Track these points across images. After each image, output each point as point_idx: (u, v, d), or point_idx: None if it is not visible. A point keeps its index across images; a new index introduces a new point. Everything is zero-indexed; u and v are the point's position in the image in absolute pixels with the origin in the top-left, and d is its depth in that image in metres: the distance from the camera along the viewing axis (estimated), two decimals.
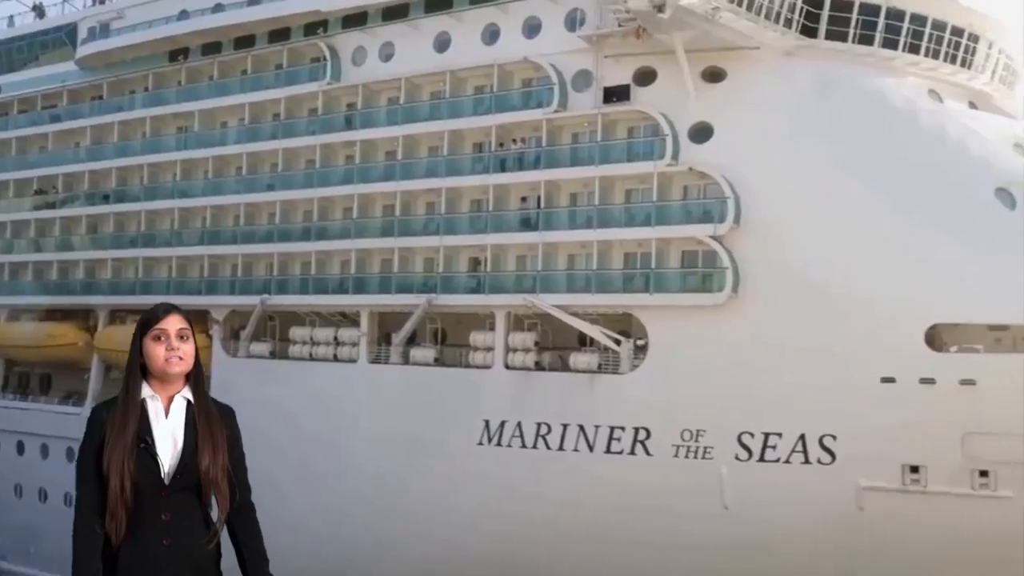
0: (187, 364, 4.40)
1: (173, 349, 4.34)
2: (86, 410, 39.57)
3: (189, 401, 4.40)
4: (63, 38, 46.30)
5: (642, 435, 29.25)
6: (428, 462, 32.03)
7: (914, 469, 26.22)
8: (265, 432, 35.52)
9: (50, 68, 46.47)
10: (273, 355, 37.81)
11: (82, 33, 44.62)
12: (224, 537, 4.43)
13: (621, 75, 31.48)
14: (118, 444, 4.18)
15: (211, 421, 4.37)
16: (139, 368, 4.37)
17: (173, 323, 4.39)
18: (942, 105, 30.78)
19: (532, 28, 33.23)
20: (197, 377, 4.48)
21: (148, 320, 4.42)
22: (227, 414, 4.49)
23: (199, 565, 4.27)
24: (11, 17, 50.79)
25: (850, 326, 26.62)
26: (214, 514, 4.35)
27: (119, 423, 4.23)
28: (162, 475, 4.23)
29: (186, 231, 41.19)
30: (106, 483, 4.17)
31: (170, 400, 4.37)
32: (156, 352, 4.34)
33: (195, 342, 4.47)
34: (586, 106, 32.07)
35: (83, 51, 44.32)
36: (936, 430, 25.51)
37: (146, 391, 4.35)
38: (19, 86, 47.52)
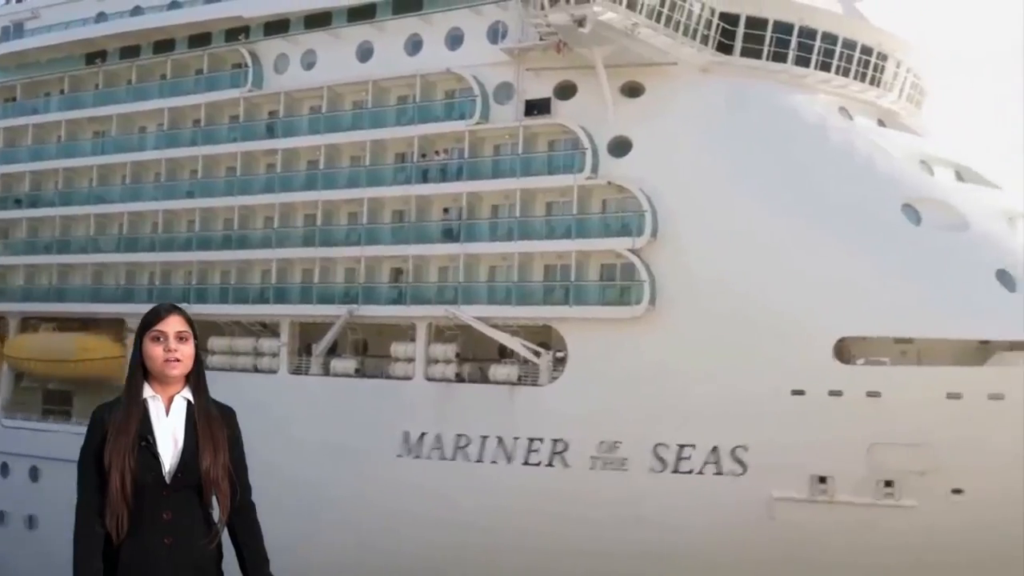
0: (185, 366, 4.39)
1: (171, 351, 4.34)
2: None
3: (189, 401, 4.40)
4: None
5: (560, 447, 29.44)
6: (348, 472, 31.81)
7: (822, 480, 26.82)
8: None
9: None
10: None
11: None
12: (224, 537, 4.43)
13: (542, 88, 31.67)
14: (119, 442, 4.20)
15: (211, 421, 4.38)
16: (141, 368, 4.38)
17: (172, 325, 4.38)
18: (852, 122, 31.57)
19: (455, 39, 33.26)
20: (198, 378, 4.46)
21: (149, 320, 4.41)
22: (227, 414, 4.49)
23: (200, 564, 4.28)
24: None
25: (761, 339, 27.12)
26: (215, 514, 4.36)
27: (121, 422, 4.25)
28: (163, 474, 4.24)
29: (103, 237, 40.34)
30: (107, 482, 4.18)
31: (170, 400, 4.38)
32: (155, 353, 4.35)
33: (195, 343, 4.46)
34: (508, 119, 32.20)
35: None
36: (843, 441, 26.13)
37: (147, 391, 4.36)
38: None
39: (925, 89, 34.78)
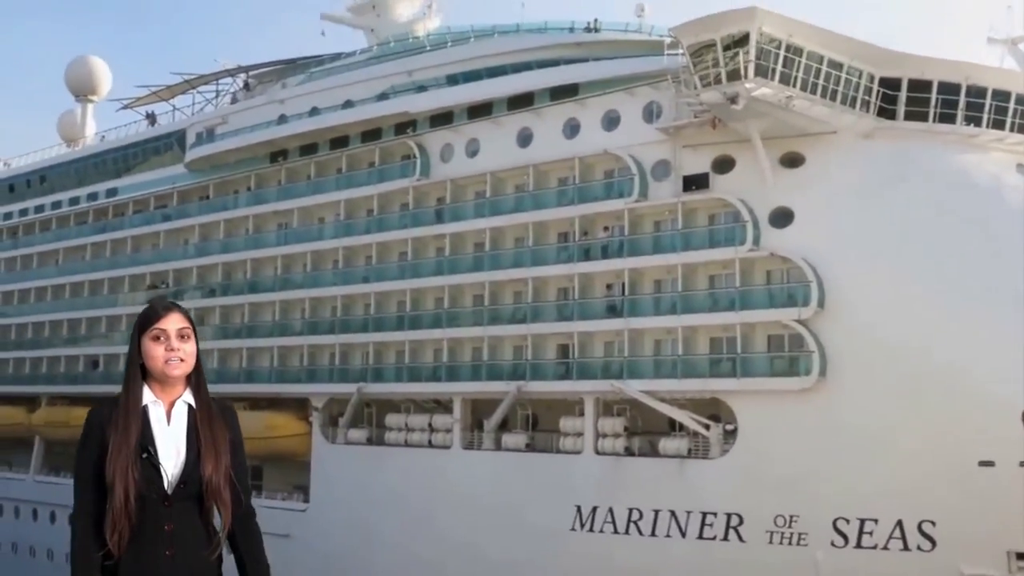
0: (188, 366, 4.08)
1: (173, 350, 4.02)
2: None
3: (191, 406, 4.10)
4: (173, 143, 47.97)
5: (735, 521, 28.26)
6: (522, 546, 31.41)
7: (1021, 556, 24.70)
8: (363, 515, 35.67)
9: (161, 171, 48.13)
10: (370, 441, 37.81)
11: (190, 138, 46.20)
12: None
13: (699, 163, 31.17)
14: (121, 453, 3.89)
15: (214, 427, 4.07)
16: (139, 369, 4.06)
17: (173, 322, 4.06)
18: None
19: (611, 121, 33.21)
20: (199, 379, 4.15)
21: (147, 318, 4.08)
22: (228, 414, 4.20)
23: (203, 575, 4.02)
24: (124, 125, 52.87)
25: (942, 408, 25.48)
26: (216, 522, 4.08)
27: (121, 430, 3.93)
28: (165, 485, 3.96)
29: (287, 322, 41.76)
30: (107, 493, 3.90)
31: (171, 405, 4.07)
32: (155, 353, 4.02)
33: (197, 341, 4.15)
34: (666, 195, 31.78)
35: (191, 155, 45.85)
36: None
37: (147, 396, 4.05)
38: (133, 188, 49.33)
39: None
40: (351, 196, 39.93)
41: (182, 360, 4.04)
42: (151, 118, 51.52)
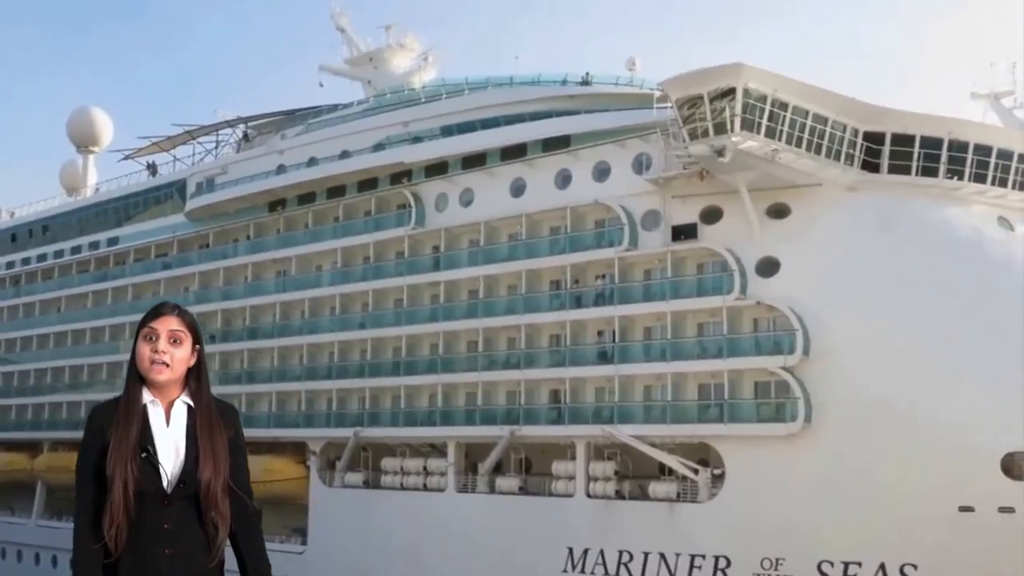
0: (173, 372, 3.91)
1: (159, 352, 3.87)
2: None
3: (190, 406, 3.98)
4: (173, 192, 48.56)
5: (722, 563, 28.49)
6: None
7: None
8: (360, 556, 35.76)
9: (162, 220, 48.70)
10: (367, 484, 38.01)
11: (190, 188, 46.82)
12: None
13: (688, 214, 31.77)
14: (120, 449, 3.81)
15: (213, 431, 3.96)
16: (138, 370, 3.95)
17: (167, 324, 3.91)
18: (1011, 232, 30.23)
19: (602, 172, 33.85)
20: (199, 382, 4.03)
21: (145, 316, 3.97)
22: (228, 414, 4.08)
23: (201, 575, 3.93)
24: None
25: (924, 454, 25.85)
26: (216, 521, 3.94)
27: (121, 427, 3.85)
28: (164, 484, 3.87)
29: (285, 367, 42.08)
30: (107, 490, 3.81)
31: (170, 405, 3.96)
32: (142, 352, 3.89)
33: (194, 345, 3.98)
34: (656, 244, 32.35)
35: (191, 204, 46.46)
36: (1020, 559, 24.33)
37: (146, 396, 3.92)
38: (134, 237, 49.83)
39: None
40: (348, 244, 40.47)
41: (166, 364, 3.89)
42: (152, 168, 52.17)
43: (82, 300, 52.01)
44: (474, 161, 37.36)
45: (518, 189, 35.92)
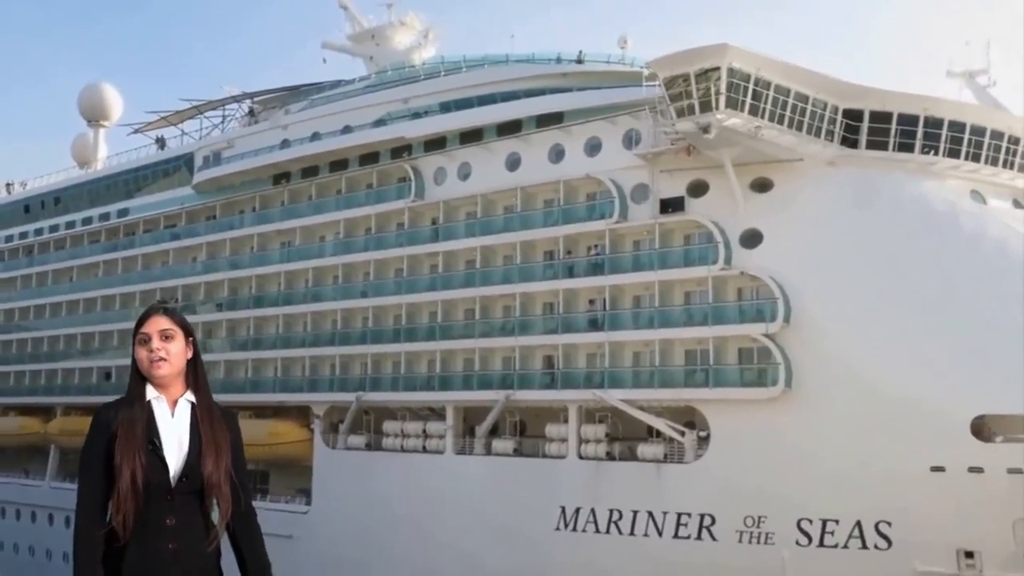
0: (173, 365, 4.07)
1: (155, 351, 4.02)
2: None
3: (193, 404, 4.12)
4: (181, 166, 49.12)
5: (707, 521, 29.41)
6: (509, 545, 32.53)
7: (968, 554, 25.87)
8: (361, 515, 36.75)
9: (170, 192, 49.28)
10: (368, 447, 38.91)
11: (198, 161, 47.36)
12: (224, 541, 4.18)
13: (676, 188, 32.42)
14: (129, 441, 3.91)
15: (214, 425, 4.08)
16: (139, 372, 4.11)
17: (155, 325, 4.07)
18: (984, 206, 30.85)
19: (593, 147, 34.44)
20: (197, 379, 4.16)
21: (136, 325, 4.12)
22: (229, 416, 4.20)
23: (204, 568, 4.00)
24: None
25: (898, 417, 26.63)
26: (214, 516, 4.07)
27: (128, 422, 3.97)
28: (168, 478, 3.95)
29: (290, 334, 42.87)
30: (113, 481, 3.89)
31: (174, 403, 4.09)
32: (141, 356, 4.06)
33: (186, 339, 4.13)
34: (644, 216, 33.02)
35: (199, 177, 47.01)
36: (988, 516, 25.21)
37: (151, 392, 4.07)
38: (144, 209, 50.46)
39: None
40: (350, 216, 41.11)
41: (164, 360, 4.04)
42: (161, 142, 52.66)
43: (93, 269, 52.73)
44: (471, 136, 37.93)
45: (513, 163, 36.51)
